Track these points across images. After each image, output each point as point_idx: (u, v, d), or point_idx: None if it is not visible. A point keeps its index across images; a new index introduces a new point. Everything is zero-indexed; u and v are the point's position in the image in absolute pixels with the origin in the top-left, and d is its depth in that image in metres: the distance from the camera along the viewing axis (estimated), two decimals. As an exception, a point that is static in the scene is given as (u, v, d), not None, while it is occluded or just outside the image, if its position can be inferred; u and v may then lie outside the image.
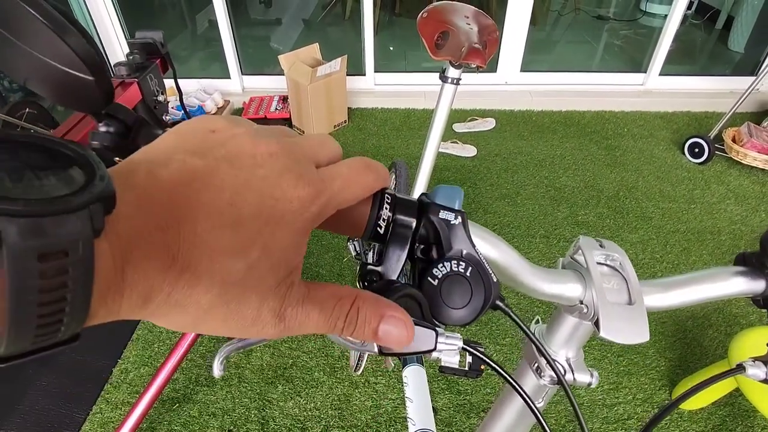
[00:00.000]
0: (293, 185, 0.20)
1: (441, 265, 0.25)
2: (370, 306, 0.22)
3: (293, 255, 0.20)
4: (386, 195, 0.26)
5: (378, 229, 0.26)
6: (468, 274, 0.25)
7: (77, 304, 0.15)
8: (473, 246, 0.26)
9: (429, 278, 0.25)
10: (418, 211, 0.26)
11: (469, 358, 0.38)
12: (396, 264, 0.26)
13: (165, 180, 0.18)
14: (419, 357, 0.85)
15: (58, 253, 0.14)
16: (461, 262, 0.25)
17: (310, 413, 1.32)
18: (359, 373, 1.41)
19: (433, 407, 1.34)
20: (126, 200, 0.16)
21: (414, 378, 0.73)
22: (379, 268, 0.26)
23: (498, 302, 0.26)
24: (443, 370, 0.39)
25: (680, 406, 1.33)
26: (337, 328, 0.21)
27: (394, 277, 0.26)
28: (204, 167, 0.19)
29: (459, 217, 0.26)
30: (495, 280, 0.26)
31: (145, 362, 1.43)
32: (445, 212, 0.26)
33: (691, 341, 1.51)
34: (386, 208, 0.25)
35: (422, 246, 0.26)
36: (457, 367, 0.41)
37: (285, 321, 0.20)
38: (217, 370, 0.37)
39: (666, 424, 1.30)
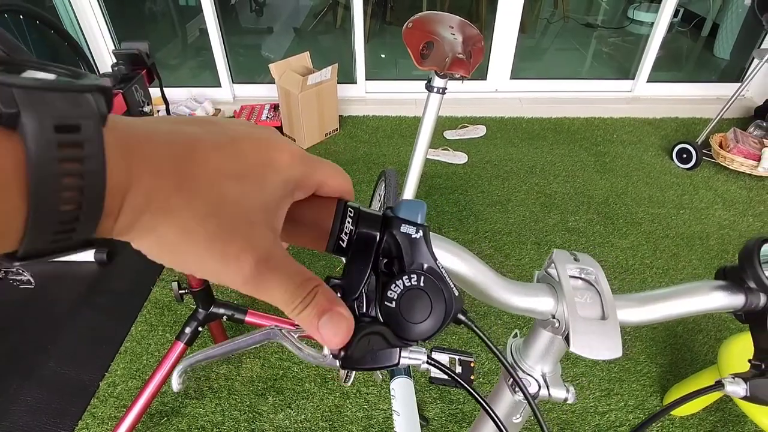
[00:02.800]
0: (285, 143, 0.23)
1: (394, 285, 0.25)
2: (324, 296, 0.22)
3: (278, 207, 0.22)
4: (349, 208, 0.26)
5: (341, 242, 0.25)
6: (426, 287, 0.25)
7: (94, 187, 0.16)
8: (435, 260, 0.25)
9: (386, 302, 0.25)
10: (382, 225, 0.26)
11: (459, 368, 0.38)
12: (358, 278, 0.25)
13: (165, 119, 0.21)
14: (407, 369, 0.85)
15: (72, 127, 0.15)
16: (420, 276, 0.25)
17: (300, 425, 1.30)
18: (350, 384, 1.40)
19: (424, 417, 1.33)
20: (128, 119, 0.18)
21: (401, 390, 0.72)
22: (340, 282, 0.25)
23: (460, 316, 0.26)
24: (433, 380, 0.39)
25: (671, 413, 1.33)
26: (293, 304, 0.21)
27: (356, 292, 0.25)
28: (207, 118, 0.22)
29: (420, 231, 0.26)
30: (456, 293, 0.26)
31: (132, 375, 1.41)
32: (407, 226, 0.25)
33: (681, 346, 1.51)
34: (349, 222, 0.25)
35: (386, 260, 0.26)
36: (446, 377, 0.41)
37: (261, 274, 0.21)
38: (175, 384, 0.36)
39: (657, 430, 1.30)
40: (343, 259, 0.26)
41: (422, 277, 0.25)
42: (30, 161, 0.14)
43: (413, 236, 0.25)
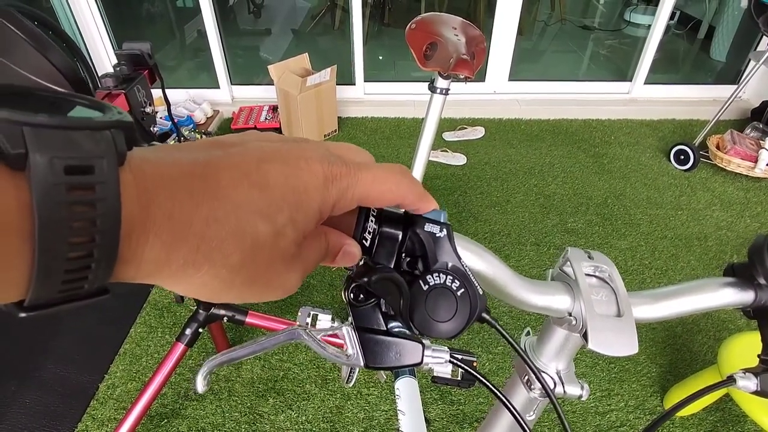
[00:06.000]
0: (318, 160, 0.20)
1: (432, 275, 0.25)
2: (334, 240, 0.24)
3: (310, 232, 0.21)
4: (371, 208, 0.26)
5: (364, 242, 0.25)
6: (453, 287, 0.25)
7: (106, 232, 0.14)
8: (459, 258, 0.26)
9: (421, 282, 0.25)
10: (404, 224, 0.26)
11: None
12: None
13: (188, 145, 0.19)
14: (411, 369, 0.85)
15: (84, 168, 0.14)
16: (447, 275, 0.25)
17: (301, 426, 1.30)
18: (351, 385, 1.39)
19: (426, 418, 1.33)
20: (148, 152, 0.17)
21: (406, 390, 0.72)
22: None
23: (484, 315, 0.26)
24: (436, 380, 0.39)
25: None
26: (315, 265, 0.23)
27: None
28: (231, 138, 0.20)
29: (444, 230, 0.26)
30: (481, 292, 0.26)
31: (132, 377, 1.41)
32: (431, 225, 0.26)
33: (681, 347, 1.52)
34: (372, 221, 0.25)
35: (408, 259, 0.26)
36: (449, 377, 0.41)
37: (295, 286, 0.22)
38: (200, 385, 0.36)
39: (658, 430, 1.30)
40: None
41: (455, 281, 0.25)
42: (36, 205, 0.13)
43: (437, 235, 0.25)
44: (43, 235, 0.13)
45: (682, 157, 2.30)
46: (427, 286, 0.25)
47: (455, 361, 0.29)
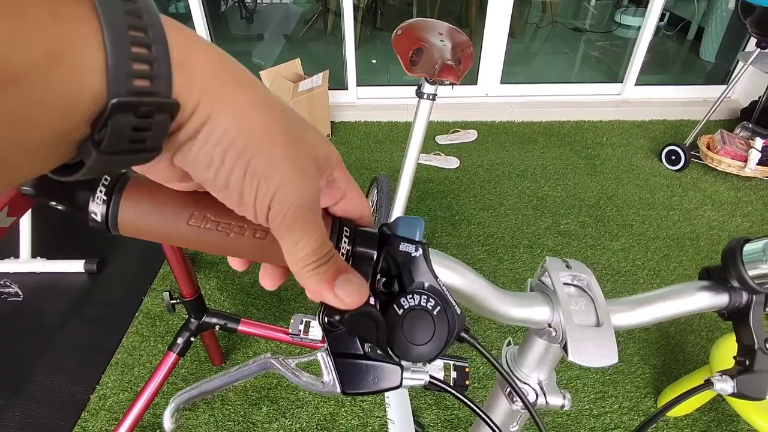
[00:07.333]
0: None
1: (407, 297, 0.25)
2: (341, 261, 0.23)
3: (315, 172, 0.21)
4: (345, 227, 0.25)
5: None
6: (430, 308, 0.25)
7: (159, 48, 0.16)
8: (435, 278, 0.25)
9: (395, 306, 0.25)
10: (379, 243, 0.25)
11: (454, 373, 0.37)
12: None
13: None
14: (402, 375, 0.84)
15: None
16: (423, 296, 0.25)
17: (295, 434, 1.29)
18: (345, 391, 1.39)
19: (419, 424, 1.32)
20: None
21: (396, 399, 0.72)
22: None
23: (462, 334, 0.26)
24: (428, 386, 0.38)
25: (666, 414, 1.34)
26: (314, 257, 0.21)
27: None
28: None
29: (420, 249, 0.25)
30: (459, 312, 0.25)
31: (124, 387, 1.39)
32: (406, 245, 0.25)
33: (674, 347, 1.52)
34: (345, 241, 0.25)
35: (384, 279, 0.26)
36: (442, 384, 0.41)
37: (310, 210, 0.20)
38: (167, 424, 0.35)
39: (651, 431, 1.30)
40: None
41: (431, 301, 0.24)
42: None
43: (413, 255, 0.25)
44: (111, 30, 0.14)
45: (674, 157, 2.31)
46: (401, 310, 0.24)
47: (435, 383, 0.29)
